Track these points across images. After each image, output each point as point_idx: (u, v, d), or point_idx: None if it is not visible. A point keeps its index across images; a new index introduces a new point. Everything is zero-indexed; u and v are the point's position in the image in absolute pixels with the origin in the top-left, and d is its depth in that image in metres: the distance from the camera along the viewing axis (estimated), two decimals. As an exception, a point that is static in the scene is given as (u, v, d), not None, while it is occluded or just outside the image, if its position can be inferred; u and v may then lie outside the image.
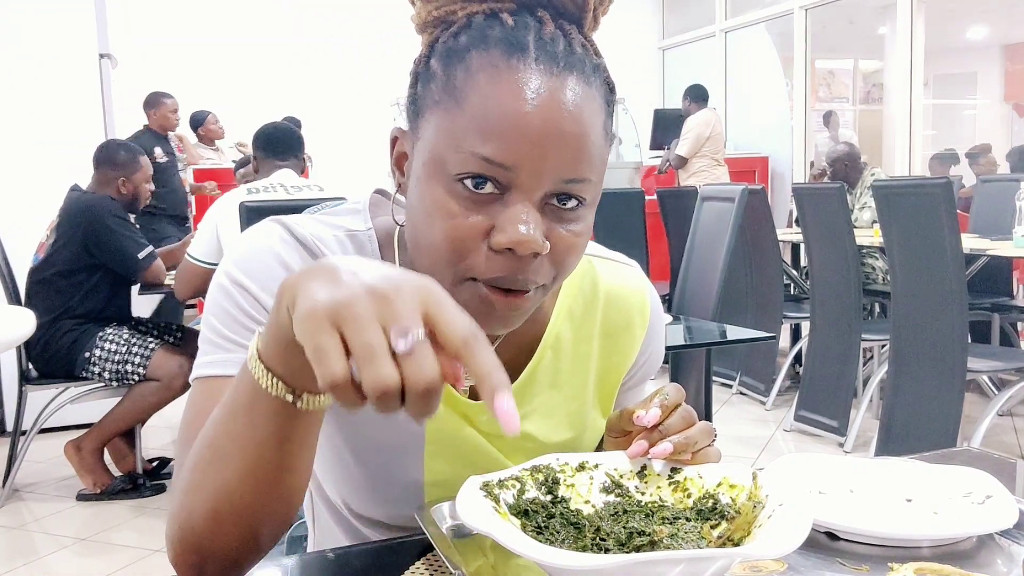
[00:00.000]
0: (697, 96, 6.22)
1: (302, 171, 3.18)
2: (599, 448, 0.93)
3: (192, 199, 5.87)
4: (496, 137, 0.66)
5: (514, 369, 0.85)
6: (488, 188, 0.68)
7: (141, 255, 3.11)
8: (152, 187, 3.34)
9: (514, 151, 0.66)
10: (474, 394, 0.84)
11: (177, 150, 6.05)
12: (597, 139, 0.70)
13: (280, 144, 3.10)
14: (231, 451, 0.63)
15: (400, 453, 0.84)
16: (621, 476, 0.75)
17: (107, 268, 3.12)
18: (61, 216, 3.13)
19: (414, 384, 0.48)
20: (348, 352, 0.48)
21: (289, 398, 0.59)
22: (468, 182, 0.68)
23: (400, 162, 0.78)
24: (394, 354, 0.48)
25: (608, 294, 0.89)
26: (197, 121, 6.46)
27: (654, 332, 0.93)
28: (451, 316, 0.50)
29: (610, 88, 0.74)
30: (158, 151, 5.16)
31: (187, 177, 6.15)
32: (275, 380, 0.58)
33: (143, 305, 3.81)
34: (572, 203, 0.70)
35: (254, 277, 0.76)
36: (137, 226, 3.31)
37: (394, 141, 0.78)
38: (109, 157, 3.22)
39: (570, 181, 0.69)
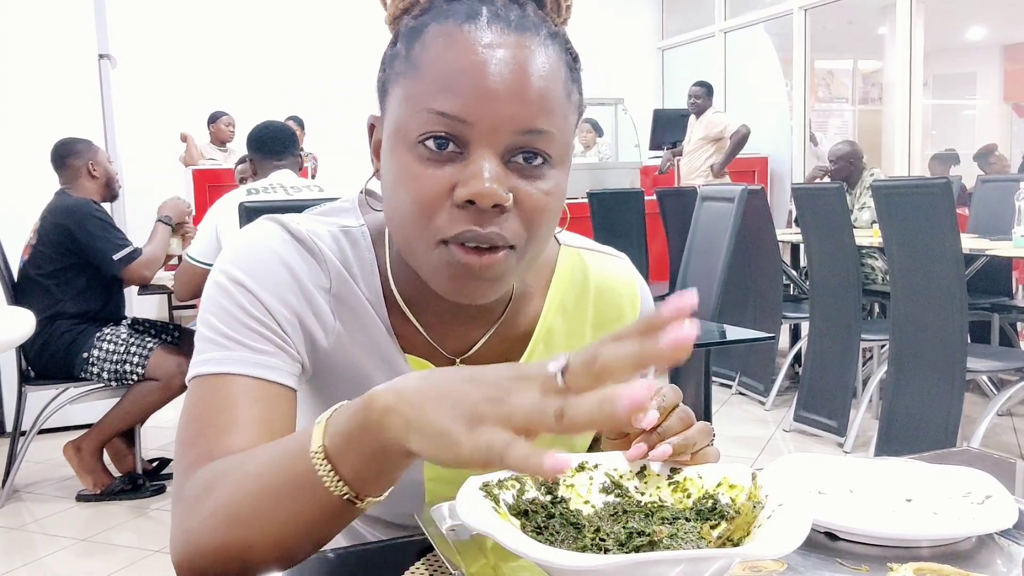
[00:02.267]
0: (711, 91, 6.23)
1: (299, 169, 3.17)
2: (595, 448, 0.93)
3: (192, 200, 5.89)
4: (450, 92, 0.68)
5: (500, 357, 0.86)
6: (450, 148, 0.69)
7: (116, 256, 3.10)
8: (116, 169, 3.36)
9: (469, 104, 0.68)
10: None
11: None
12: (555, 94, 0.71)
13: (276, 144, 3.09)
14: (269, 518, 0.63)
15: None
16: (621, 476, 0.75)
17: (95, 268, 3.13)
18: (42, 218, 3.15)
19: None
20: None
21: (350, 500, 0.60)
22: (430, 143, 0.69)
23: (378, 149, 0.79)
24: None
25: (599, 286, 0.90)
26: (212, 119, 6.53)
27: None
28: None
29: (573, 57, 0.75)
30: None
31: (186, 178, 6.16)
32: (340, 483, 0.59)
33: (144, 306, 3.81)
34: (537, 160, 0.71)
35: (253, 275, 0.76)
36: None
37: (371, 129, 0.80)
38: (67, 149, 3.26)
39: (528, 132, 0.69)
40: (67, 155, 3.24)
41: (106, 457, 3.23)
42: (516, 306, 0.85)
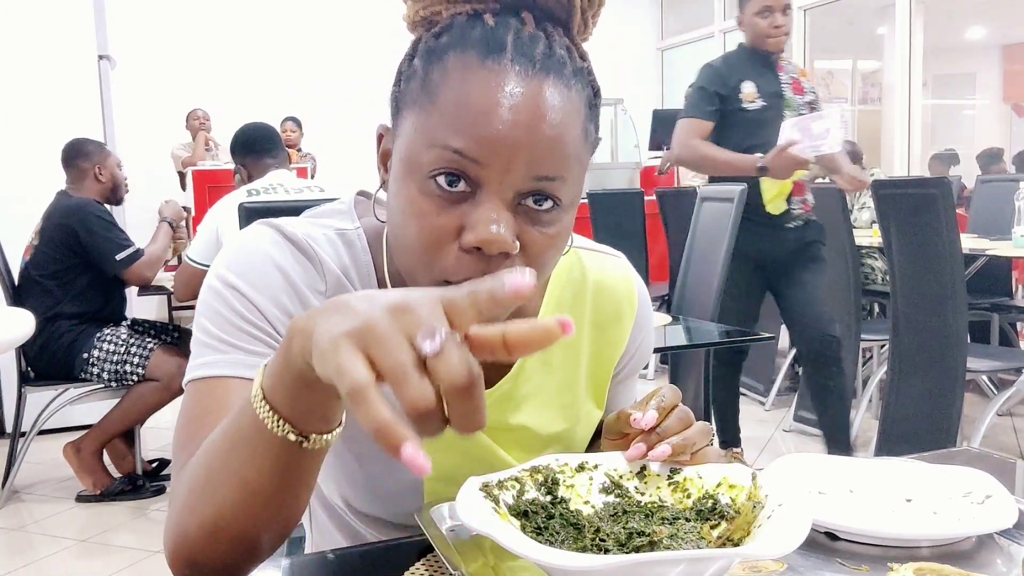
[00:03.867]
0: None
1: (288, 162, 3.14)
2: (593, 448, 0.94)
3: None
4: (466, 131, 0.67)
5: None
6: (460, 186, 0.68)
7: (119, 256, 3.10)
8: (125, 175, 3.35)
9: (484, 145, 0.66)
10: None
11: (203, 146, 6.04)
12: (573, 139, 0.69)
13: (266, 142, 3.05)
14: (228, 480, 0.62)
15: None
16: (621, 477, 0.75)
17: (97, 268, 3.12)
18: (45, 219, 3.15)
19: (451, 384, 0.45)
20: (378, 376, 0.46)
21: (294, 438, 0.58)
22: (441, 179, 0.68)
23: (385, 159, 0.78)
24: (425, 368, 0.45)
25: (596, 285, 0.90)
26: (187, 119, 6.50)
27: (643, 322, 0.93)
28: (470, 304, 0.48)
29: (594, 91, 0.74)
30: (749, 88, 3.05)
31: (176, 179, 6.15)
32: (281, 421, 0.57)
33: (144, 307, 3.81)
34: (547, 204, 0.69)
35: (247, 278, 0.76)
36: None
37: (380, 138, 0.79)
38: (77, 150, 3.26)
39: (542, 179, 0.68)
40: (76, 156, 3.24)
41: (106, 458, 3.23)
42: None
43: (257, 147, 3.03)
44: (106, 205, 3.28)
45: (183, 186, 6.31)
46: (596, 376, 0.92)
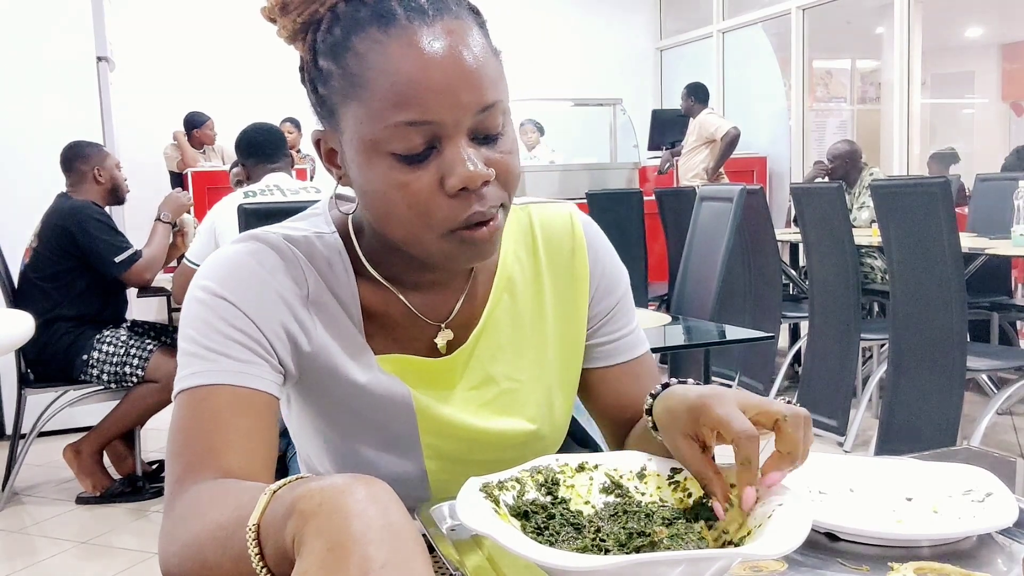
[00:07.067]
0: (701, 96, 6.17)
1: (292, 167, 3.14)
2: (607, 444, 0.95)
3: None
4: (407, 101, 0.71)
5: (473, 315, 0.89)
6: (422, 148, 0.72)
7: (118, 259, 3.10)
8: (125, 175, 3.34)
9: (428, 105, 0.71)
10: (434, 352, 0.87)
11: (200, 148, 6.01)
12: (489, 61, 0.74)
13: (268, 147, 3.04)
14: (220, 564, 0.61)
15: (396, 437, 0.87)
16: (621, 477, 0.75)
17: (96, 271, 3.12)
18: (44, 221, 3.15)
19: None
20: None
21: None
22: (403, 151, 0.72)
23: (331, 159, 0.81)
24: None
25: (542, 228, 0.94)
26: (195, 123, 6.44)
27: (596, 246, 0.95)
28: None
29: (476, 11, 0.78)
30: None
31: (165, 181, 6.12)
32: (262, 566, 0.56)
33: (143, 308, 3.80)
34: (496, 129, 0.75)
35: (234, 290, 0.78)
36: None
37: (318, 143, 0.82)
38: (76, 152, 3.26)
39: (485, 109, 0.73)
40: (75, 158, 3.24)
41: (106, 460, 3.23)
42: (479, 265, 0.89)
43: (258, 152, 3.02)
44: (108, 206, 3.28)
45: (173, 186, 6.31)
46: (568, 317, 0.93)
